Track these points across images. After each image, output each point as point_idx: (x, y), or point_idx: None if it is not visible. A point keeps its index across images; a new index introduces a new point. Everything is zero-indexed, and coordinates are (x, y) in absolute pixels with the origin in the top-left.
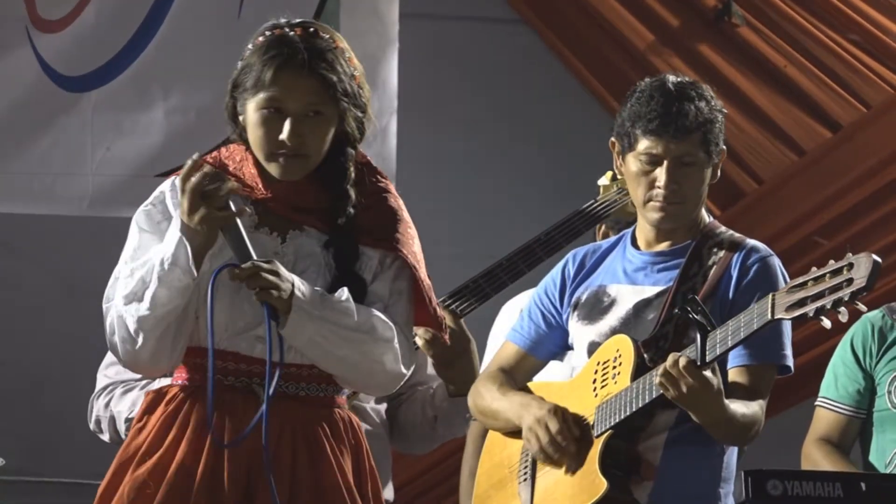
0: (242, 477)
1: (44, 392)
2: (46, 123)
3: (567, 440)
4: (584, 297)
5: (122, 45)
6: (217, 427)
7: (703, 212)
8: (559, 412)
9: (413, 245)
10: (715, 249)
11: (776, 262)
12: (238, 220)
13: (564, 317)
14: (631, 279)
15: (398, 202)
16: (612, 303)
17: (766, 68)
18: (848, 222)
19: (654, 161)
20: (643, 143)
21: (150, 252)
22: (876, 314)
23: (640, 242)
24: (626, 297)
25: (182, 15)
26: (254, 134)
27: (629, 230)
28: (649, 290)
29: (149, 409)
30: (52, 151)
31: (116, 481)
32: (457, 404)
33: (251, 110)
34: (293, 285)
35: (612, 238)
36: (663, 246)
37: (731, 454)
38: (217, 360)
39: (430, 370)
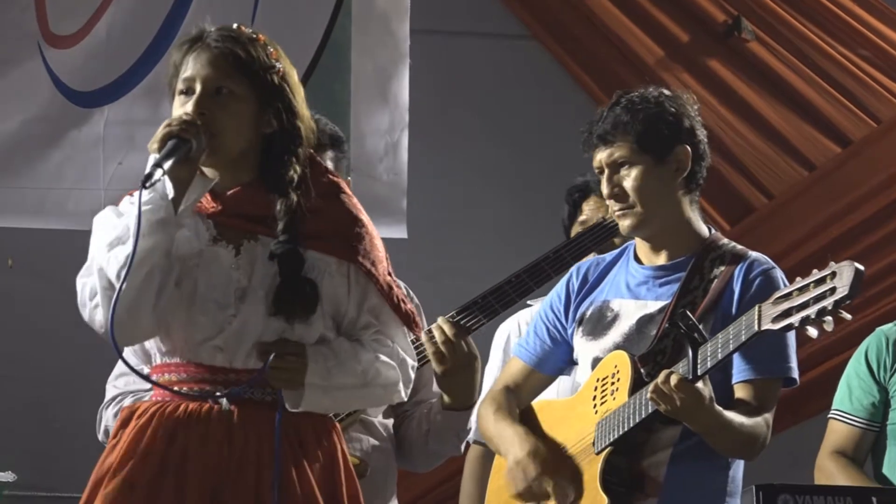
0: (208, 486)
1: (54, 407)
2: (58, 139)
3: (542, 486)
4: (588, 313)
5: (134, 60)
6: (182, 438)
7: (702, 224)
8: (539, 455)
9: (368, 244)
10: (717, 262)
11: (779, 274)
12: (190, 145)
13: (569, 332)
14: (634, 294)
15: (351, 200)
16: (616, 318)
17: (775, 83)
18: (858, 237)
19: (602, 174)
20: (593, 160)
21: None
22: (890, 327)
23: (641, 256)
24: (630, 312)
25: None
26: None
27: (632, 242)
28: (652, 305)
29: (122, 426)
30: (64, 167)
31: (91, 498)
32: (449, 418)
33: (174, 103)
34: (306, 365)
35: (615, 251)
36: (664, 259)
37: (737, 469)
38: (183, 373)
39: (436, 387)
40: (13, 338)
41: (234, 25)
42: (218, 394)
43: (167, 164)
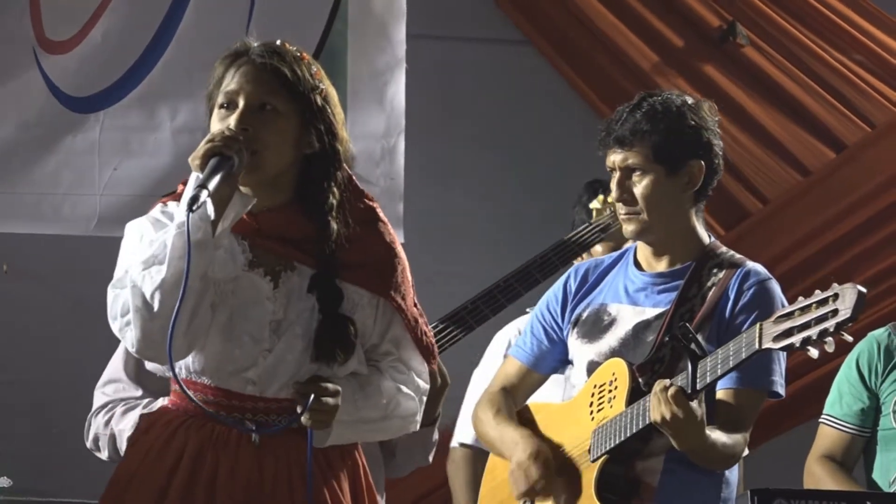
0: None
1: (50, 412)
2: (54, 144)
3: (544, 488)
4: (584, 315)
5: (130, 65)
6: (211, 461)
7: (704, 232)
8: (541, 457)
9: (400, 278)
10: (714, 271)
11: (774, 285)
12: (232, 162)
13: (565, 332)
14: (632, 299)
15: (386, 227)
16: (613, 322)
17: (770, 88)
18: (853, 242)
19: (613, 173)
20: (607, 159)
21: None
22: (882, 332)
23: (641, 262)
24: (627, 317)
25: (189, 35)
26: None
27: (632, 246)
28: (649, 312)
29: (144, 432)
30: (59, 172)
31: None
32: (415, 436)
33: (213, 116)
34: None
35: (615, 254)
36: (663, 266)
37: (732, 473)
38: (210, 395)
39: None
40: (9, 342)
41: (279, 42)
42: (248, 424)
43: (212, 185)
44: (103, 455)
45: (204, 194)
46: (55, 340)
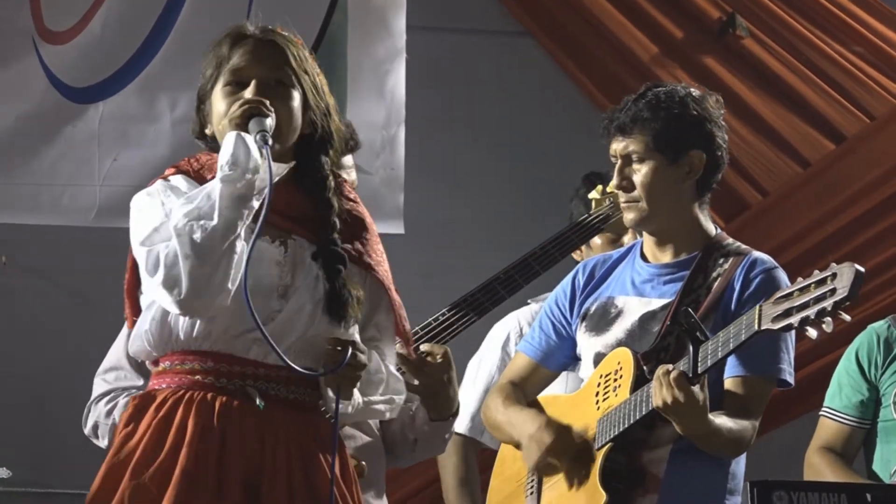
0: (244, 482)
1: (50, 404)
2: (53, 135)
3: (559, 454)
4: (592, 309)
5: (129, 56)
6: (219, 433)
7: (710, 223)
8: (552, 425)
9: (384, 261)
10: (720, 261)
11: (780, 274)
12: (271, 123)
13: (574, 327)
14: (639, 291)
15: (364, 210)
16: (619, 314)
17: (770, 80)
18: (853, 233)
19: (615, 161)
20: (609, 148)
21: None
22: (881, 325)
23: (647, 254)
24: (633, 308)
25: (189, 26)
26: (218, 111)
27: (640, 240)
28: (655, 303)
29: (137, 414)
30: (59, 163)
31: (109, 486)
32: (436, 428)
33: (216, 96)
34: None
35: (623, 248)
36: (669, 257)
37: (738, 466)
38: (210, 363)
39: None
40: (8, 335)
41: (269, 27)
42: (250, 391)
43: (268, 125)
44: (102, 443)
45: (268, 137)
46: (54, 332)
